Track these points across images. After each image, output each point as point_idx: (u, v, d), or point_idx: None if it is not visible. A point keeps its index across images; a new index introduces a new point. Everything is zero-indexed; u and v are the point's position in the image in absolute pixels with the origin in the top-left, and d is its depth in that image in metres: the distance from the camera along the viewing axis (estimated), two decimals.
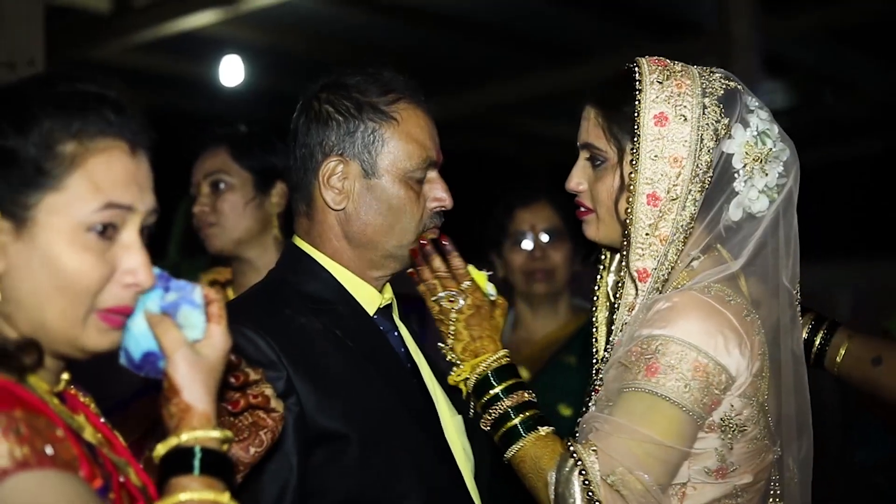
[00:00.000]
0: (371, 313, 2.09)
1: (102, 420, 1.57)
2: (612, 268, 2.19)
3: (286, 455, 1.86)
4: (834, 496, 7.22)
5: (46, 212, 1.34)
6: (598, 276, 2.21)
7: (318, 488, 1.89)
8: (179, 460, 1.36)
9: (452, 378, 2.08)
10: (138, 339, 1.41)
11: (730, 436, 1.94)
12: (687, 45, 9.83)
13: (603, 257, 2.20)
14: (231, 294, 3.04)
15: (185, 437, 1.36)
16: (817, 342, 2.30)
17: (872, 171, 12.65)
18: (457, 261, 2.06)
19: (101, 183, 1.36)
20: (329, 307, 2.03)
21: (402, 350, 2.13)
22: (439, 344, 2.11)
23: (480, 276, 2.11)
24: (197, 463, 1.35)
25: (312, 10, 8.95)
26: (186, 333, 1.41)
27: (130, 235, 1.40)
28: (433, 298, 2.08)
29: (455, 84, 10.86)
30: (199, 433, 1.36)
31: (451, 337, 2.06)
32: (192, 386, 1.38)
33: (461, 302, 2.05)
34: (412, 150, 2.03)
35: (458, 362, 2.08)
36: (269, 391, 1.69)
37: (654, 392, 1.88)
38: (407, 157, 2.03)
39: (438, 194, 2.08)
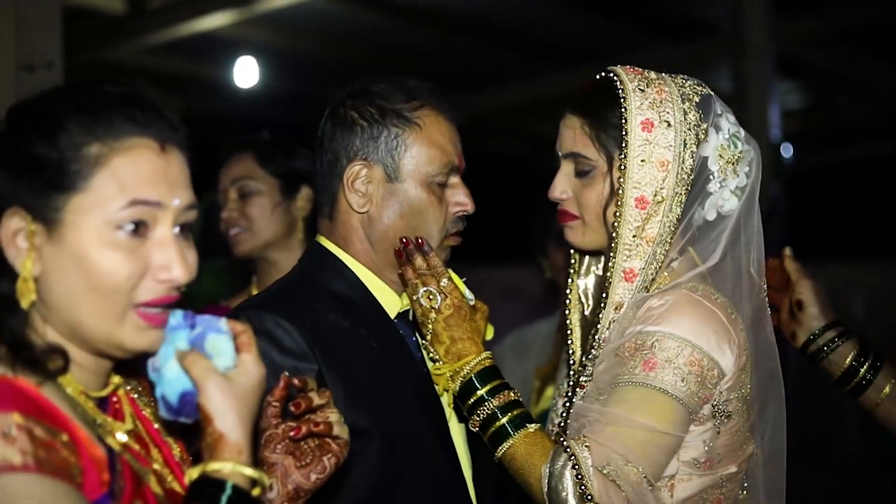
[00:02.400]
0: (392, 317, 2.13)
1: (157, 426, 1.58)
2: (583, 271, 2.26)
3: None
4: (852, 495, 7.24)
5: (74, 213, 1.36)
6: (570, 280, 2.26)
7: (341, 484, 1.91)
8: (208, 491, 1.33)
9: (436, 379, 2.10)
10: (172, 382, 1.40)
11: (718, 422, 2.00)
12: (700, 48, 9.85)
13: (573, 261, 2.25)
14: None
15: (213, 466, 1.33)
16: (860, 376, 2.21)
17: (885, 172, 12.63)
18: (435, 260, 2.08)
19: (127, 181, 1.37)
20: (354, 307, 2.06)
21: (419, 355, 2.17)
22: (422, 342, 2.13)
23: (459, 281, 2.14)
24: (224, 499, 1.32)
25: (327, 12, 8.98)
26: (217, 362, 1.39)
27: (164, 231, 1.41)
28: (414, 297, 2.10)
29: (468, 86, 10.89)
30: (228, 466, 1.33)
31: (432, 336, 2.09)
32: (225, 414, 1.36)
33: (439, 299, 2.08)
34: (434, 155, 2.07)
35: (442, 363, 2.10)
36: (334, 416, 1.65)
37: (652, 385, 1.92)
38: (429, 161, 2.06)
39: (461, 199, 2.11)
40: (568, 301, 2.25)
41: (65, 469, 1.29)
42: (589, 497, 1.88)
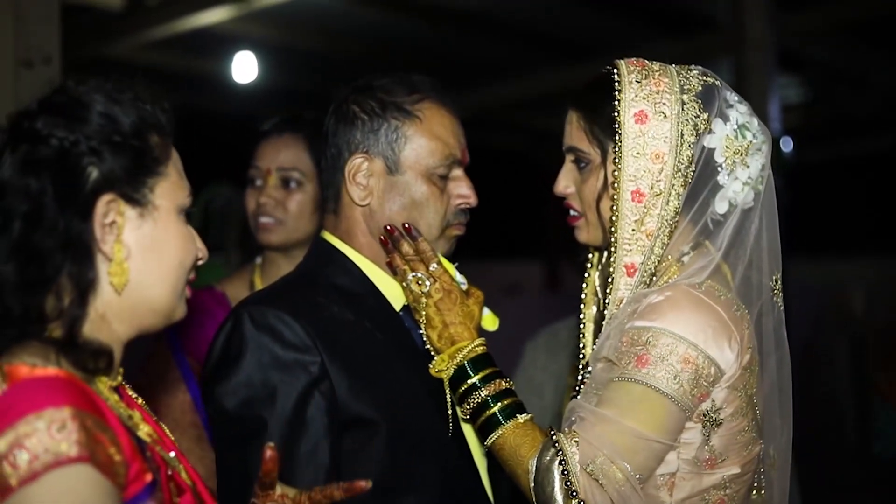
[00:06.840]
0: (397, 309, 2.14)
1: (154, 419, 1.62)
2: (600, 266, 2.22)
3: (319, 438, 1.89)
4: (853, 487, 7.26)
5: (161, 196, 1.52)
6: (586, 275, 2.25)
7: (349, 474, 1.91)
8: None
9: (432, 371, 2.09)
10: None
11: (707, 431, 1.97)
12: (701, 42, 9.83)
13: (591, 255, 2.24)
14: (259, 284, 2.95)
15: None
16: None
17: (886, 167, 12.62)
18: (424, 245, 2.07)
19: (181, 171, 1.57)
20: (359, 300, 2.08)
21: (426, 347, 2.15)
22: (419, 332, 2.12)
23: (450, 266, 2.13)
24: None
25: (325, 7, 8.96)
26: None
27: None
28: (403, 284, 2.10)
29: (468, 80, 10.87)
30: None
31: (424, 323, 2.09)
32: None
33: (428, 284, 2.07)
34: (434, 147, 2.08)
35: (436, 353, 2.09)
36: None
37: (643, 382, 1.90)
38: (429, 153, 2.08)
39: (463, 191, 2.13)
40: (584, 295, 2.23)
41: (110, 466, 1.32)
42: (574, 493, 1.86)
